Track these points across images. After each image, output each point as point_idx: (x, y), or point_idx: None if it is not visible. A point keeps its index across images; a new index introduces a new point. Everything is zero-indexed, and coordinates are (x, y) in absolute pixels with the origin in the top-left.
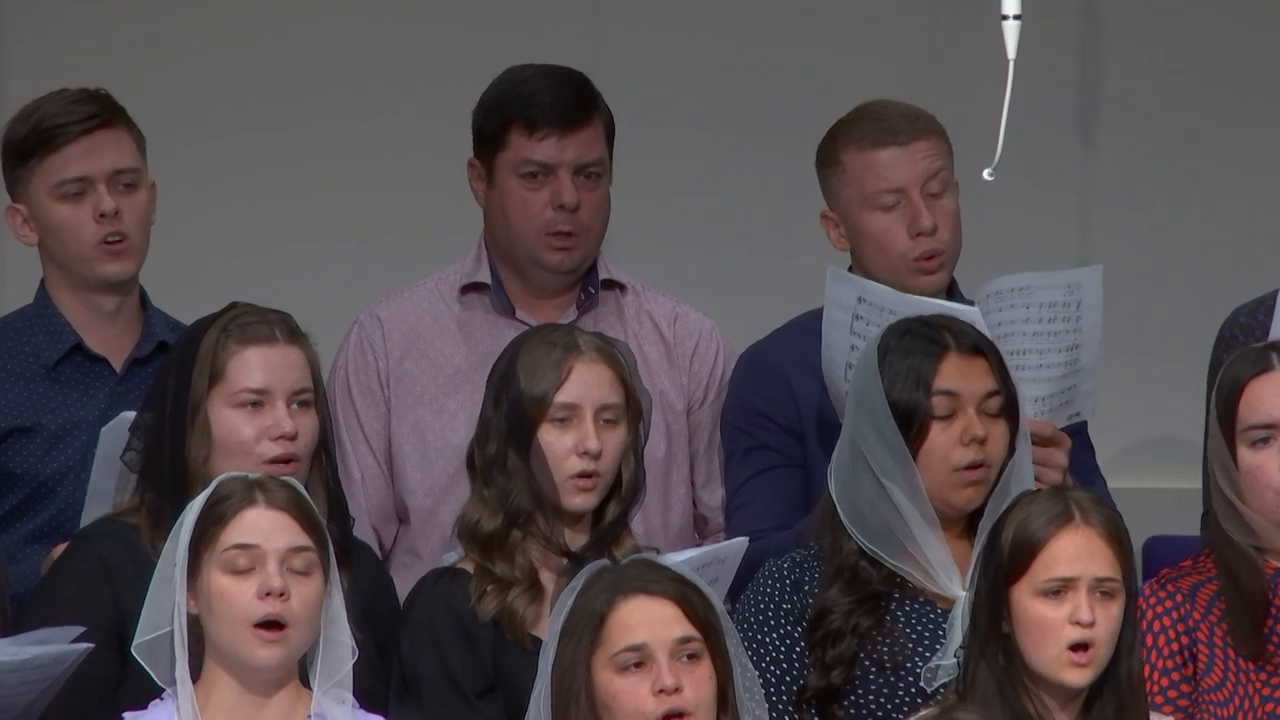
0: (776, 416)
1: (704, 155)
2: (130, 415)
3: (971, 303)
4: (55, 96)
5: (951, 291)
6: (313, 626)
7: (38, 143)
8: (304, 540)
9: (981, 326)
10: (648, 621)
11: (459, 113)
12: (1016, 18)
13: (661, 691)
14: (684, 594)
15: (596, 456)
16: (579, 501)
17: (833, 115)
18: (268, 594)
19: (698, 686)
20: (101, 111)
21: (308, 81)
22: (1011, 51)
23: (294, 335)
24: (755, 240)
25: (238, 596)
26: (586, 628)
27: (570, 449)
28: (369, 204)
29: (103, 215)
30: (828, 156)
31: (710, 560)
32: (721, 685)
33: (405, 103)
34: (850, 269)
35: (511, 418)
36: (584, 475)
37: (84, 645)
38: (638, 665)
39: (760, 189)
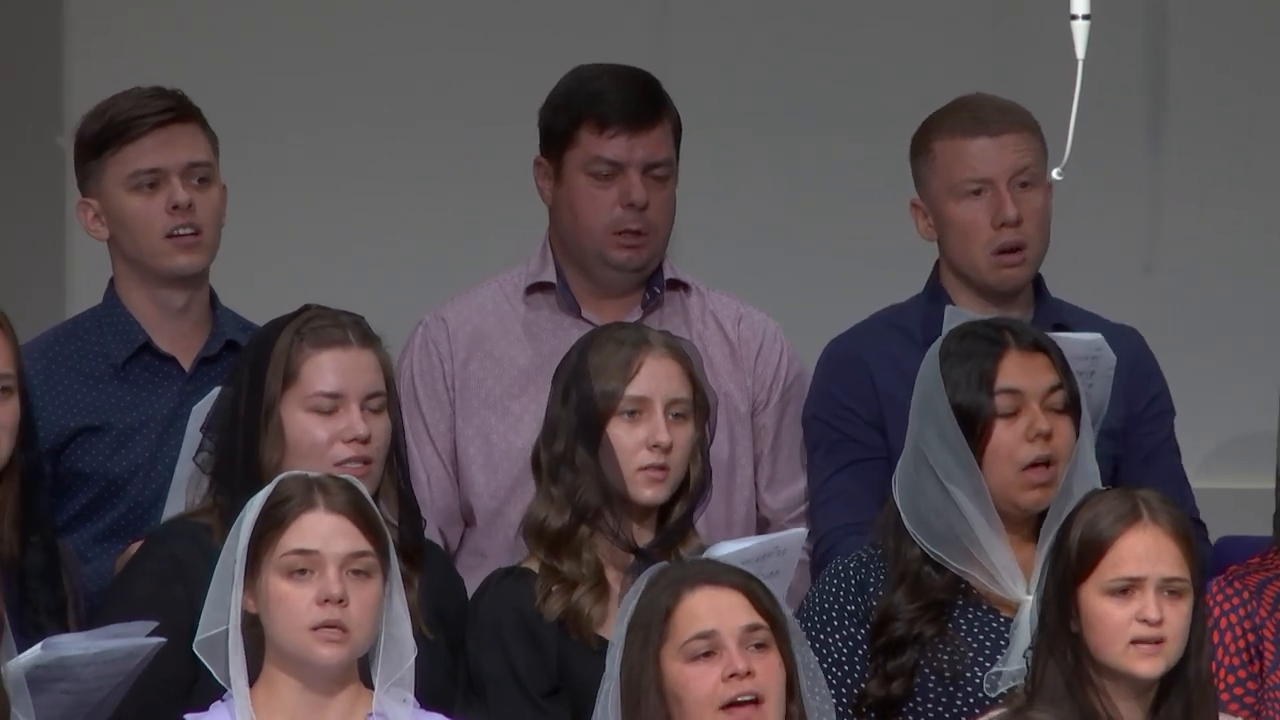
0: (860, 410)
1: (769, 157)
2: (220, 391)
3: (1072, 307)
4: (129, 93)
5: (1039, 293)
6: (373, 628)
7: (113, 135)
8: (363, 545)
9: (1106, 353)
10: (715, 610)
11: (523, 114)
12: (1085, 17)
13: (733, 676)
14: (749, 585)
15: (667, 449)
16: (649, 494)
17: (899, 117)
18: (326, 600)
19: (769, 673)
20: (176, 106)
21: (375, 83)
22: (1080, 51)
23: (367, 338)
24: (820, 241)
25: (296, 601)
26: (654, 623)
27: (640, 442)
28: (433, 205)
29: (175, 207)
30: (920, 144)
31: (769, 551)
32: (790, 675)
33: (472, 104)
34: (937, 263)
35: (581, 413)
36: (654, 468)
37: (157, 640)
38: (707, 654)
39: (825, 190)
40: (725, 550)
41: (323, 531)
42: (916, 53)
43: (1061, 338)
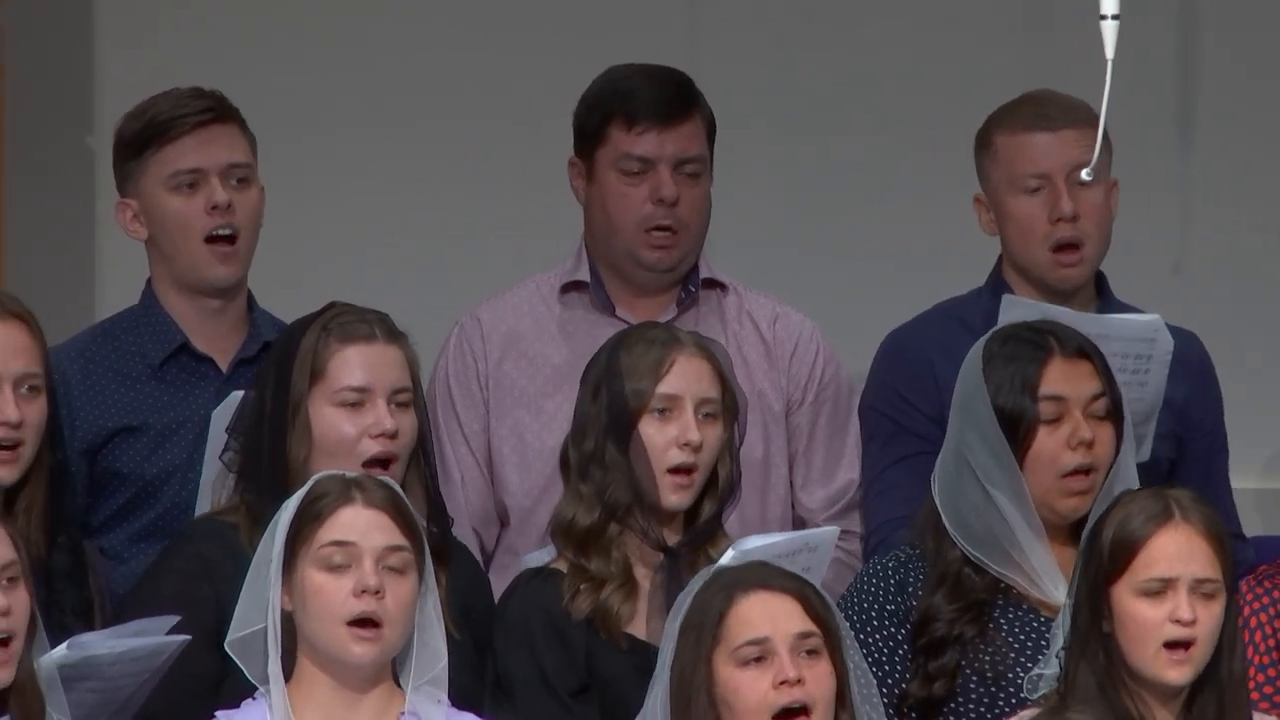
0: (918, 401)
1: (802, 158)
2: (239, 395)
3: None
4: (169, 93)
5: (1102, 291)
6: (406, 626)
7: (153, 135)
8: (400, 540)
9: (1164, 336)
10: (769, 616)
11: (557, 115)
12: (1115, 18)
13: (784, 683)
14: (803, 591)
15: (697, 448)
16: (675, 500)
17: (929, 116)
18: (363, 592)
19: (819, 681)
20: (216, 106)
21: (407, 83)
22: (1110, 51)
23: (393, 335)
24: (857, 242)
25: (333, 593)
26: (707, 625)
27: (670, 441)
28: (467, 206)
29: (214, 208)
30: (983, 139)
31: (799, 547)
32: (840, 683)
33: (504, 105)
34: (1000, 257)
35: (612, 411)
36: (682, 471)
37: (181, 637)
38: (758, 660)
39: (861, 191)
40: (753, 544)
41: (360, 524)
42: (946, 53)
43: (1119, 319)
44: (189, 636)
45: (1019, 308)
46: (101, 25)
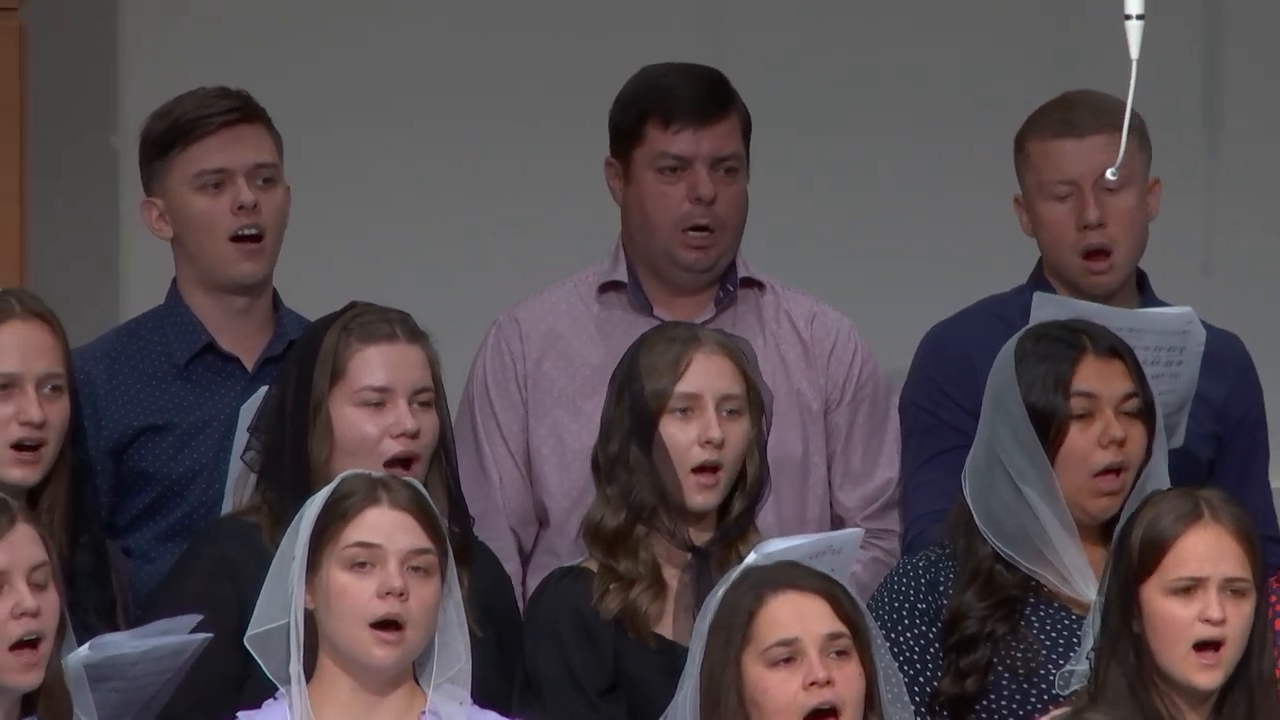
0: (958, 397)
1: (831, 157)
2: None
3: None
4: (195, 93)
5: (1143, 289)
6: (429, 628)
7: (179, 134)
8: (425, 542)
9: (1197, 328)
10: (798, 616)
11: (583, 116)
12: (1139, 17)
13: (813, 684)
14: (832, 591)
15: (719, 446)
16: (700, 500)
17: (953, 117)
18: (387, 593)
19: (848, 682)
20: (242, 106)
21: (434, 81)
22: (1134, 51)
23: (414, 334)
24: (892, 240)
25: (358, 594)
26: (736, 625)
27: (693, 440)
28: (501, 205)
29: (240, 208)
30: (1017, 143)
31: (824, 549)
32: (870, 684)
33: (533, 105)
34: (1040, 260)
35: (634, 412)
36: (707, 469)
37: (203, 635)
38: (788, 660)
39: (889, 190)
40: (775, 547)
41: (385, 526)
42: (970, 53)
43: (1152, 312)
44: (211, 635)
45: (1050, 305)
46: (125, 24)
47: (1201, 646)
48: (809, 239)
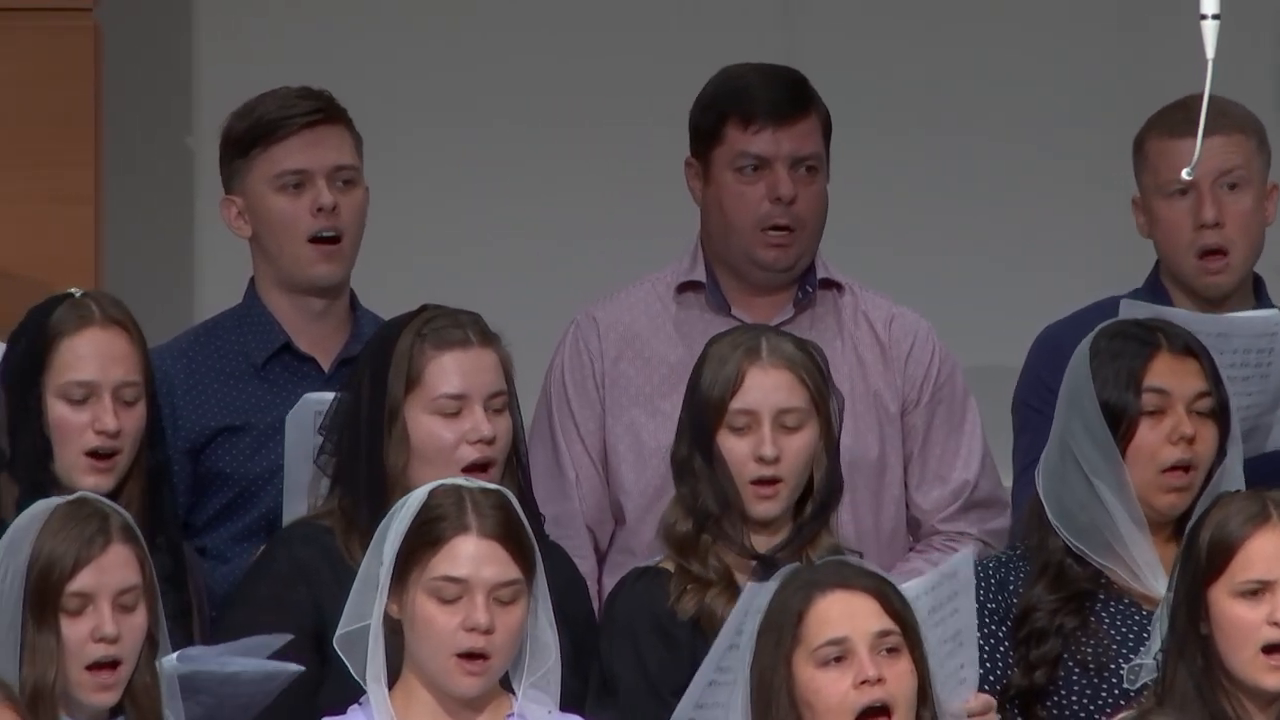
0: None
1: (910, 158)
2: (313, 397)
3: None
4: (276, 92)
5: (1259, 293)
6: (514, 650)
7: (261, 133)
8: (514, 573)
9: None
10: (847, 615)
11: (658, 116)
12: (1215, 17)
13: (864, 683)
14: (881, 589)
15: (773, 462)
16: (761, 510)
17: (1028, 117)
18: (472, 629)
19: (899, 680)
20: (325, 107)
21: (511, 83)
22: (1210, 51)
23: (487, 337)
24: (971, 241)
25: (443, 625)
26: (786, 626)
27: (748, 455)
28: (574, 205)
29: (320, 209)
30: (1137, 142)
31: (937, 582)
32: (921, 681)
33: (609, 106)
34: (1157, 262)
35: (695, 421)
36: (764, 482)
37: (294, 666)
38: (838, 659)
39: (967, 190)
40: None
41: (474, 559)
42: (1044, 53)
43: (1239, 316)
44: (302, 667)
45: (1137, 311)
46: (199, 24)
47: (1270, 649)
48: (886, 239)
